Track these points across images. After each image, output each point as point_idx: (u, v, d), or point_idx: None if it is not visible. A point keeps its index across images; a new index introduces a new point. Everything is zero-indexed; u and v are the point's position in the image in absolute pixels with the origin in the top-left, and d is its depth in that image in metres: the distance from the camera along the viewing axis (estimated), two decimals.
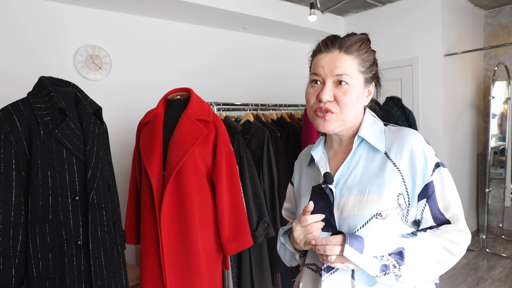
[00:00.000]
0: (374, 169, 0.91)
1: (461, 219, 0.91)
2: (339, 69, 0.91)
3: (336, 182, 0.94)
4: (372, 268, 0.82)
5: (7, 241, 1.22)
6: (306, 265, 1.02)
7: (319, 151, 1.02)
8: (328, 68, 0.92)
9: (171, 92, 1.92)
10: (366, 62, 0.94)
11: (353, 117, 0.94)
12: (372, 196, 0.88)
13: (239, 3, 3.13)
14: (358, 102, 0.94)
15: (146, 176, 1.76)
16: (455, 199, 0.91)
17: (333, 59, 0.92)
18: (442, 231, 0.90)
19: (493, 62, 4.13)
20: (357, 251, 0.81)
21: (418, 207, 0.91)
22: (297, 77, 4.33)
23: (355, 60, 0.92)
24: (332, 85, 0.92)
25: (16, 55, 2.50)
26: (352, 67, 0.92)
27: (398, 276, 0.84)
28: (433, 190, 0.89)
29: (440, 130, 3.58)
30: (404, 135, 0.93)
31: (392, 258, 0.84)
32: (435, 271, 0.88)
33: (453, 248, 0.88)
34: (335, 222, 0.91)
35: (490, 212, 3.97)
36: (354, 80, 0.92)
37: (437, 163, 0.91)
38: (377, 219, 0.87)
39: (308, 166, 1.07)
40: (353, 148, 0.95)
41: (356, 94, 0.92)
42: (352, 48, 0.93)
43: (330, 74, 0.92)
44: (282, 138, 2.71)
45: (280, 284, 2.65)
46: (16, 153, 1.26)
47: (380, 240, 0.85)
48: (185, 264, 1.72)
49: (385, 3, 3.78)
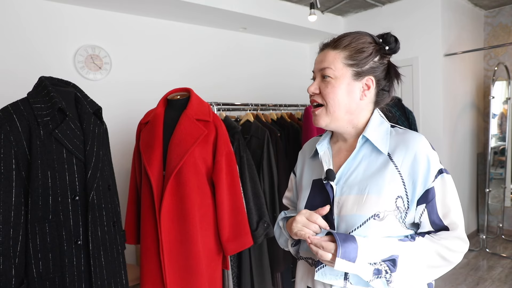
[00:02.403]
0: (375, 170, 0.91)
1: (459, 227, 0.90)
2: (323, 63, 0.95)
3: (337, 179, 0.95)
4: (365, 274, 0.83)
5: (7, 241, 1.22)
6: (303, 258, 1.03)
7: (324, 145, 1.03)
8: (317, 64, 0.98)
9: (171, 92, 1.92)
10: (356, 55, 0.93)
11: (344, 111, 0.95)
12: (371, 196, 0.88)
13: (239, 3, 3.13)
14: (345, 95, 0.94)
15: (146, 176, 1.76)
16: (455, 207, 0.90)
17: (322, 55, 0.97)
18: (439, 237, 0.89)
19: (493, 62, 4.13)
20: (349, 261, 0.81)
21: (417, 211, 0.91)
22: (297, 77, 4.34)
23: (340, 54, 0.93)
24: (319, 79, 0.97)
25: (16, 55, 2.50)
26: (336, 60, 0.93)
27: (389, 282, 0.85)
28: (433, 196, 0.89)
29: (440, 130, 3.58)
30: (410, 138, 0.92)
31: (385, 264, 0.84)
32: (428, 276, 0.89)
33: (448, 255, 0.88)
34: (333, 219, 0.92)
35: (490, 212, 3.97)
36: (338, 72, 0.93)
37: (440, 169, 0.90)
38: (374, 220, 0.87)
39: (311, 158, 1.08)
40: (356, 147, 0.95)
41: (339, 86, 0.93)
42: (340, 43, 0.95)
43: (317, 69, 0.97)
44: (282, 138, 2.71)
45: (280, 284, 2.64)
46: (16, 153, 1.26)
47: (376, 246, 0.84)
48: (185, 264, 1.71)
49: (385, 3, 3.78)
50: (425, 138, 0.93)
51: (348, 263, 0.81)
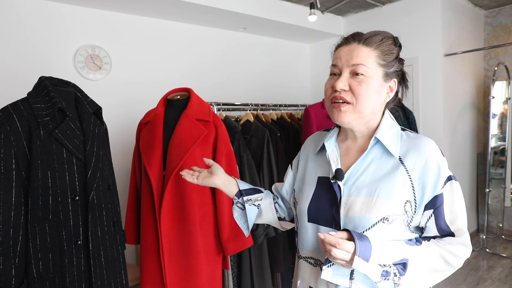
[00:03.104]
0: (386, 173, 0.90)
1: (465, 233, 0.91)
2: (355, 59, 0.91)
3: (345, 179, 0.93)
4: (374, 275, 0.82)
5: (7, 241, 1.22)
6: (303, 258, 1.01)
7: (332, 143, 1.01)
8: (345, 58, 0.92)
9: (171, 92, 1.92)
10: (386, 56, 0.93)
11: (370, 111, 0.93)
12: (381, 200, 0.87)
13: (239, 3, 3.12)
14: (375, 95, 0.92)
15: (146, 176, 1.76)
16: (462, 213, 0.91)
17: (351, 50, 0.92)
18: (445, 242, 0.90)
19: (493, 62, 4.13)
20: (364, 260, 0.80)
21: (424, 216, 0.91)
22: (297, 77, 4.34)
23: (373, 52, 0.91)
24: (348, 75, 0.92)
25: (16, 55, 2.50)
26: (370, 58, 0.91)
27: (397, 284, 0.85)
28: (441, 202, 0.89)
29: (440, 130, 3.58)
30: (421, 144, 0.92)
31: (395, 267, 0.83)
32: (430, 280, 0.89)
33: (452, 260, 0.89)
34: (340, 220, 0.91)
35: (490, 212, 3.97)
36: (371, 71, 0.90)
37: (449, 176, 0.90)
38: (383, 223, 0.86)
39: (316, 154, 1.06)
40: (368, 148, 0.94)
41: (372, 86, 0.91)
42: (371, 40, 0.92)
43: (346, 64, 0.92)
44: (282, 138, 2.71)
45: (280, 284, 2.65)
46: (16, 153, 1.25)
47: (387, 247, 0.84)
48: (185, 264, 1.71)
49: (385, 3, 3.78)
50: (436, 144, 0.93)
51: (363, 262, 0.80)
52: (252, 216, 1.13)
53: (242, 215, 1.15)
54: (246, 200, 1.12)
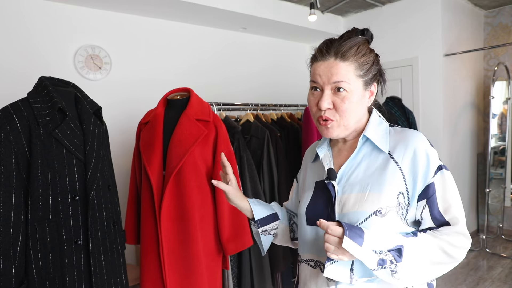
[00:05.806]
0: (376, 168, 0.93)
1: (460, 222, 0.91)
2: (335, 76, 0.91)
3: (339, 179, 0.96)
4: (370, 261, 0.83)
5: (7, 241, 1.22)
6: (304, 261, 1.03)
7: (324, 148, 1.05)
8: (325, 76, 0.93)
9: (171, 92, 1.92)
10: (364, 65, 0.94)
11: (355, 121, 0.96)
12: (373, 194, 0.90)
13: (239, 3, 3.13)
14: (359, 107, 0.95)
15: (146, 176, 1.76)
16: (456, 202, 0.92)
17: (329, 67, 0.92)
18: (441, 232, 0.90)
19: (493, 62, 4.13)
20: (356, 243, 0.81)
21: (418, 207, 0.92)
22: (297, 77, 4.33)
23: (351, 66, 0.92)
24: (330, 92, 0.93)
25: (17, 55, 2.50)
26: (349, 73, 0.92)
27: (394, 272, 0.84)
28: (433, 192, 0.90)
29: (440, 130, 3.58)
30: (409, 136, 0.94)
31: (390, 254, 0.84)
32: (432, 272, 0.89)
33: (452, 251, 0.88)
34: (335, 218, 0.93)
35: (490, 212, 3.97)
36: (352, 85, 0.92)
37: (440, 165, 0.92)
38: (376, 216, 0.88)
39: (313, 162, 1.10)
40: (357, 147, 0.96)
41: (355, 99, 0.93)
42: (348, 54, 0.92)
43: (327, 82, 0.93)
44: (282, 138, 2.71)
45: (280, 284, 2.65)
46: (16, 153, 1.26)
47: (381, 235, 0.85)
48: (185, 264, 1.71)
49: (385, 3, 3.78)
50: (424, 135, 0.95)
51: (355, 245, 0.81)
52: (267, 244, 1.16)
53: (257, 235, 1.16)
54: (262, 232, 1.13)
